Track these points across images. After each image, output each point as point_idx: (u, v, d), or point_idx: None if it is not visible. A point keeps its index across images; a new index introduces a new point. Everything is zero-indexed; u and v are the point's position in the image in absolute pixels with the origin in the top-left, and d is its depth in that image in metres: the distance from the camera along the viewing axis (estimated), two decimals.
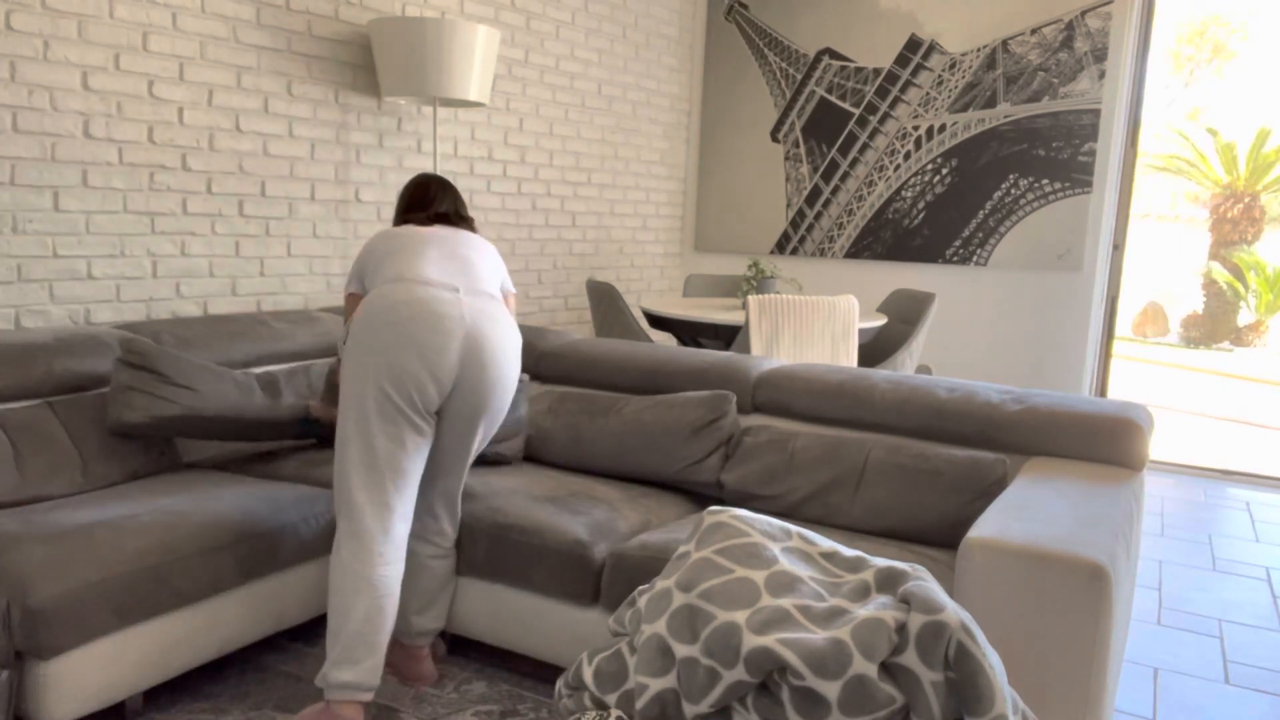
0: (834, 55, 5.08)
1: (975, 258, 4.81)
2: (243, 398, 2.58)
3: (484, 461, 2.73)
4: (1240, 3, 14.96)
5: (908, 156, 4.93)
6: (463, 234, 2.29)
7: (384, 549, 2.02)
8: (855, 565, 1.68)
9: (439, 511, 2.28)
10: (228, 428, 2.54)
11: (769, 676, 1.48)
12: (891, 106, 4.95)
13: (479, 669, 2.40)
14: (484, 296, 2.17)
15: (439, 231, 2.26)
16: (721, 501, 2.61)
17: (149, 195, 2.97)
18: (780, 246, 5.35)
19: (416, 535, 2.28)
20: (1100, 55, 4.42)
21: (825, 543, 1.75)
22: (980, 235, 4.79)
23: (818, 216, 5.22)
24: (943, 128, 4.82)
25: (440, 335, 2.05)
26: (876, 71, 4.97)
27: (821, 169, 5.18)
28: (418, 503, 2.27)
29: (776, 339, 3.46)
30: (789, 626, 1.49)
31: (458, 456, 2.21)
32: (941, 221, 4.88)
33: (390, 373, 2.01)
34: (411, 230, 2.25)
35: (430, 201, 2.36)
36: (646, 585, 1.80)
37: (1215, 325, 13.17)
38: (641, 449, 2.62)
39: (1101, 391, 4.82)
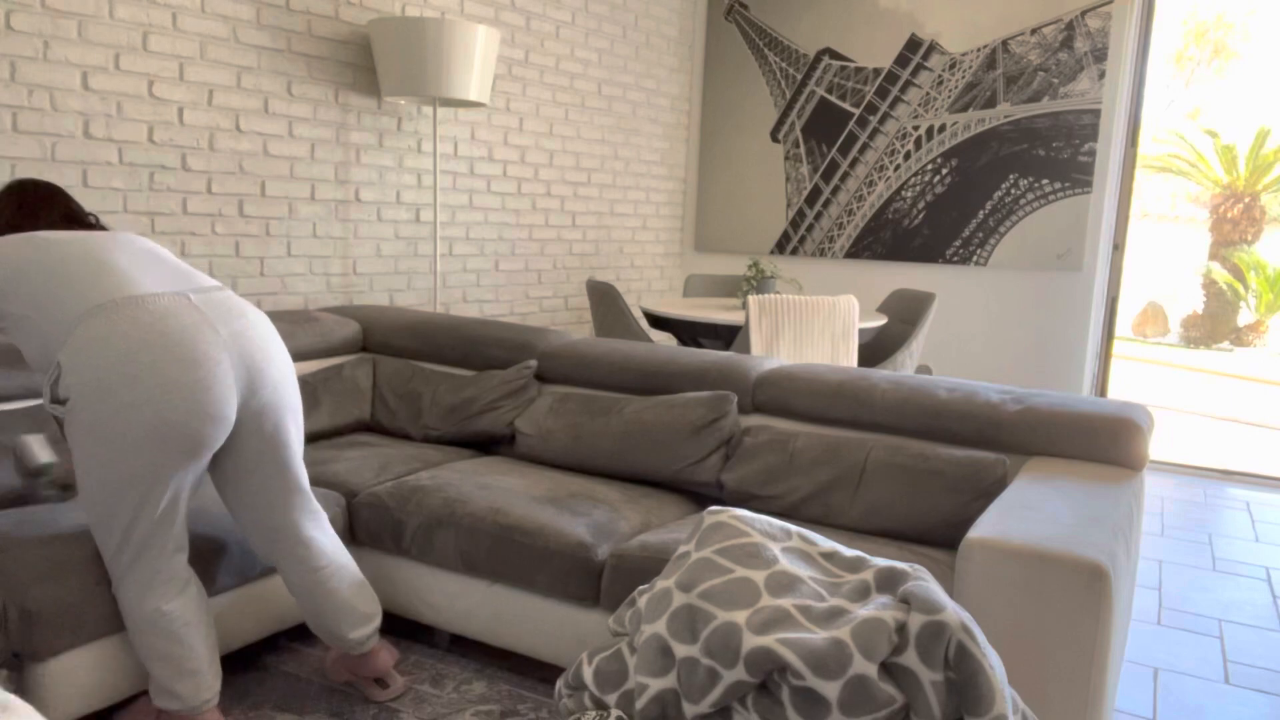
0: (834, 55, 5.08)
1: (975, 258, 4.81)
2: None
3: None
4: (1240, 3, 14.96)
5: (908, 156, 4.93)
6: (127, 233, 1.97)
7: (183, 580, 1.90)
8: (855, 565, 1.68)
9: (306, 534, 2.06)
10: None
11: (769, 676, 1.48)
12: (891, 106, 4.95)
13: (479, 669, 2.40)
14: (213, 289, 1.89)
15: (95, 235, 1.89)
16: (722, 501, 2.61)
17: (149, 195, 2.97)
18: (780, 246, 5.35)
19: (301, 568, 2.07)
20: (1100, 55, 4.42)
21: (825, 543, 1.75)
22: (980, 235, 4.79)
23: (818, 216, 5.22)
24: (943, 128, 4.82)
25: (202, 367, 1.75)
26: (876, 71, 4.97)
27: (821, 169, 5.18)
28: (280, 544, 2.04)
29: (776, 339, 3.47)
30: (789, 626, 1.49)
31: (285, 470, 2.00)
32: (941, 221, 4.88)
33: (153, 433, 1.71)
34: (61, 235, 1.84)
35: (44, 203, 1.96)
36: (646, 585, 1.80)
37: (1215, 325, 13.17)
38: (642, 449, 2.62)
39: (1101, 391, 4.82)
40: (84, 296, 1.75)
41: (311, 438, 2.91)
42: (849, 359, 3.53)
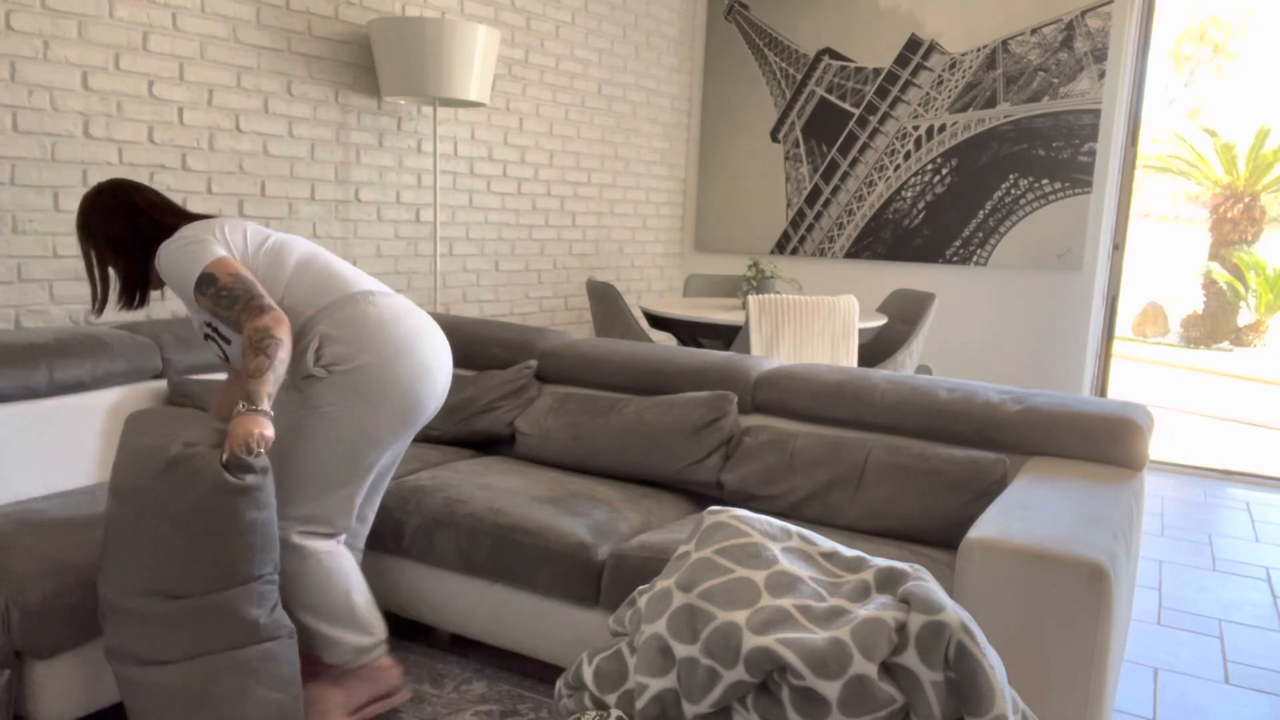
0: (834, 55, 5.08)
1: (975, 258, 4.81)
2: None
3: None
4: (1240, 3, 14.96)
5: (908, 156, 4.93)
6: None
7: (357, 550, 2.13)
8: (855, 565, 1.68)
9: (368, 515, 2.27)
10: None
11: (769, 676, 1.48)
12: (891, 106, 4.95)
13: (479, 669, 2.40)
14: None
15: (296, 237, 2.15)
16: (722, 501, 2.61)
17: None
18: (780, 246, 5.35)
19: (354, 544, 2.25)
20: (1100, 55, 4.42)
21: (825, 543, 1.75)
22: (980, 235, 4.79)
23: (818, 216, 5.22)
24: (943, 128, 4.82)
25: (443, 356, 2.07)
26: (876, 71, 4.97)
27: (821, 169, 5.18)
28: (359, 532, 2.26)
29: (776, 339, 3.47)
30: (789, 626, 1.49)
31: (399, 459, 2.24)
32: (941, 221, 4.88)
33: (405, 404, 1.99)
34: (259, 228, 2.10)
35: (169, 201, 2.12)
36: (646, 585, 1.80)
37: (1215, 325, 13.17)
38: (642, 449, 2.62)
39: (1101, 391, 4.82)
40: (331, 283, 2.01)
41: None
42: (849, 359, 3.53)
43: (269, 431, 1.76)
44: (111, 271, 2.11)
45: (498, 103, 4.21)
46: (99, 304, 2.04)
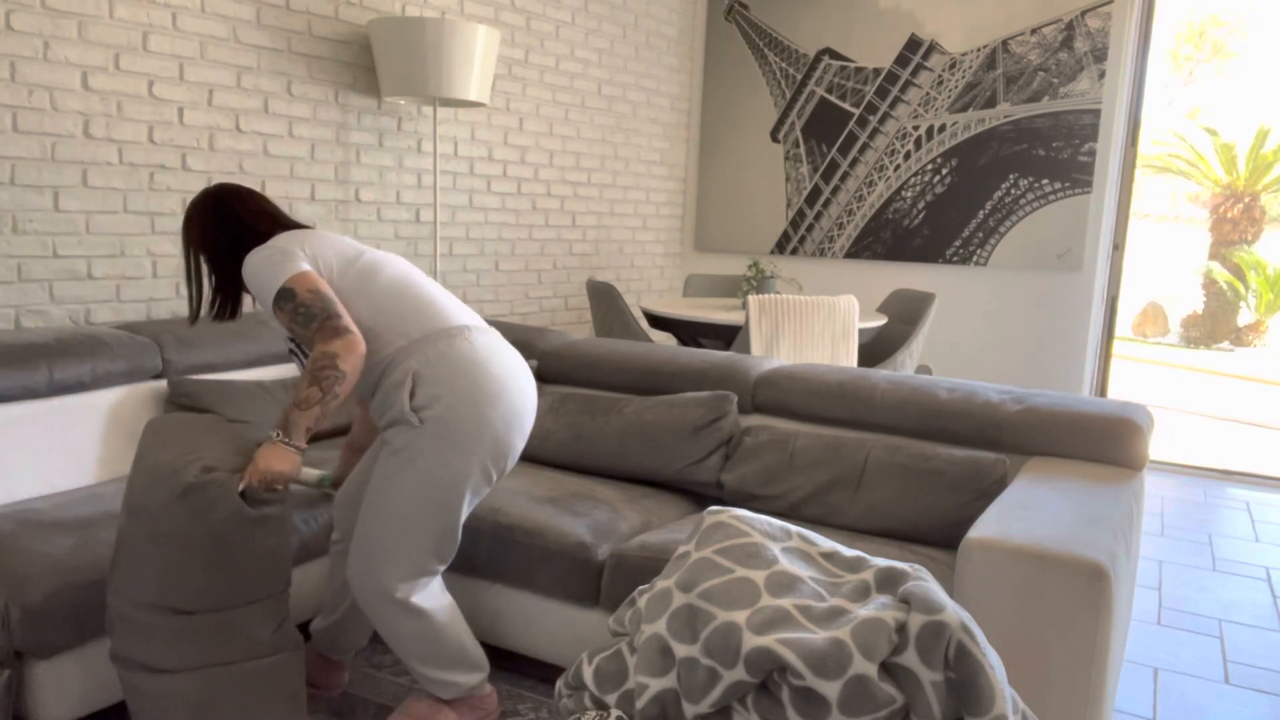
0: (834, 55, 5.08)
1: (975, 258, 4.81)
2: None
3: None
4: (1240, 3, 14.97)
5: (908, 156, 4.93)
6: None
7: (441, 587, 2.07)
8: (855, 565, 1.68)
9: None
10: None
11: (769, 676, 1.48)
12: (891, 106, 4.95)
13: None
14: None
15: (395, 257, 2.06)
16: (722, 501, 2.61)
17: (149, 195, 2.97)
18: (780, 246, 5.35)
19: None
20: (1100, 55, 4.42)
21: (825, 543, 1.75)
22: (980, 235, 4.79)
23: (818, 216, 5.22)
24: (943, 128, 4.82)
25: (530, 401, 1.96)
26: (876, 71, 4.97)
27: (821, 169, 5.18)
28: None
29: (776, 339, 3.47)
30: (789, 626, 1.49)
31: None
32: (941, 221, 4.88)
33: (496, 449, 1.89)
34: (353, 243, 2.01)
35: (270, 207, 2.04)
36: (646, 585, 1.80)
37: (1215, 325, 13.17)
38: (642, 449, 2.62)
39: (1101, 391, 4.82)
40: (427, 314, 1.92)
41: (313, 438, 2.91)
42: (849, 359, 3.53)
43: (294, 471, 1.73)
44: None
45: (498, 103, 4.21)
46: (194, 312, 2.00)
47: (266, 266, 1.84)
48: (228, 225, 1.95)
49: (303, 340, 1.81)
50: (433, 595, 1.98)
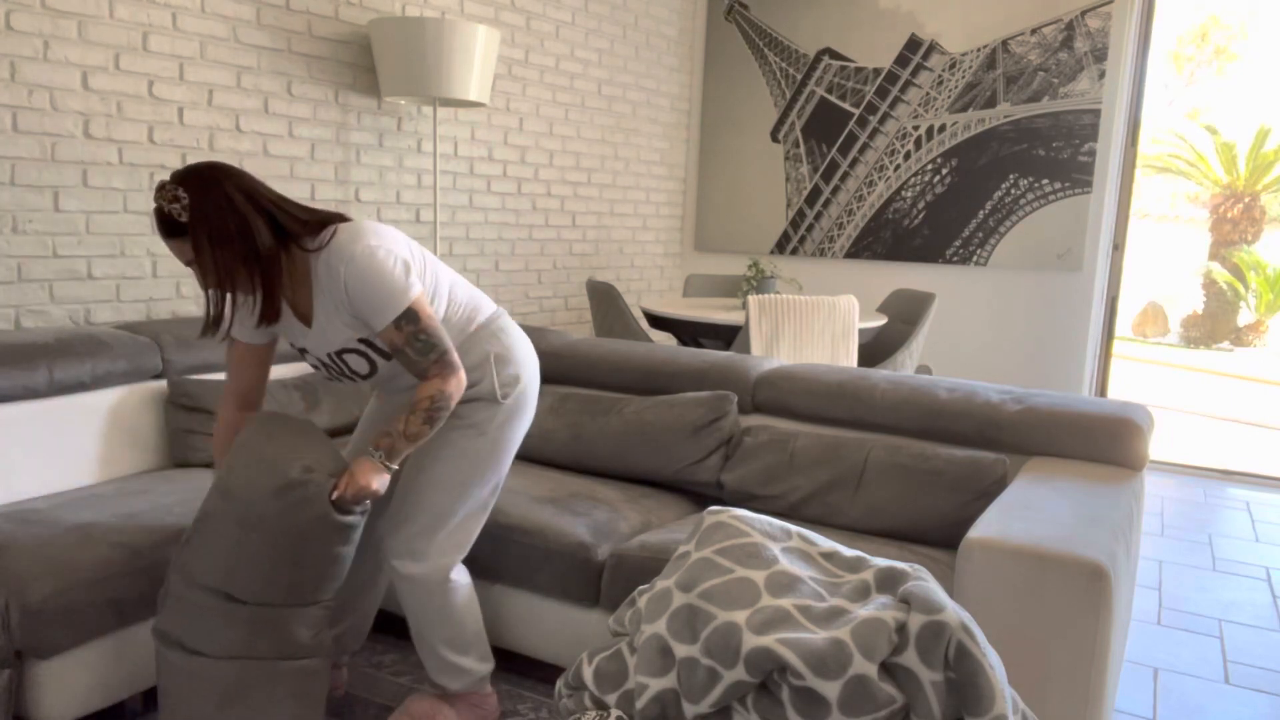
0: (834, 55, 5.08)
1: (975, 258, 4.81)
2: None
3: None
4: (1240, 3, 14.96)
5: (908, 156, 4.93)
6: None
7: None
8: (855, 565, 1.68)
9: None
10: None
11: (769, 676, 1.48)
12: (891, 106, 4.95)
13: None
14: None
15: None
16: (722, 501, 2.61)
17: (149, 195, 2.97)
18: (780, 246, 5.35)
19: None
20: (1100, 55, 4.42)
21: (825, 543, 1.75)
22: (980, 235, 4.79)
23: (818, 216, 5.22)
24: (943, 128, 4.82)
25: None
26: (876, 71, 4.97)
27: (821, 169, 5.18)
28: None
29: (776, 339, 3.46)
30: (789, 626, 1.49)
31: None
32: (941, 221, 4.88)
33: (527, 428, 2.08)
34: (410, 245, 1.90)
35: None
36: (646, 585, 1.80)
37: (1215, 325, 13.17)
38: (642, 449, 2.62)
39: (1101, 391, 4.82)
40: (478, 303, 1.99)
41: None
42: (849, 359, 3.53)
43: (382, 490, 1.78)
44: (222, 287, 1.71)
45: (498, 103, 4.21)
46: (214, 322, 1.69)
47: (386, 276, 1.69)
48: (258, 205, 1.67)
49: (410, 366, 1.77)
50: (464, 570, 2.06)
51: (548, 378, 3.06)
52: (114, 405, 2.53)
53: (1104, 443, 2.25)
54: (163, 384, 2.67)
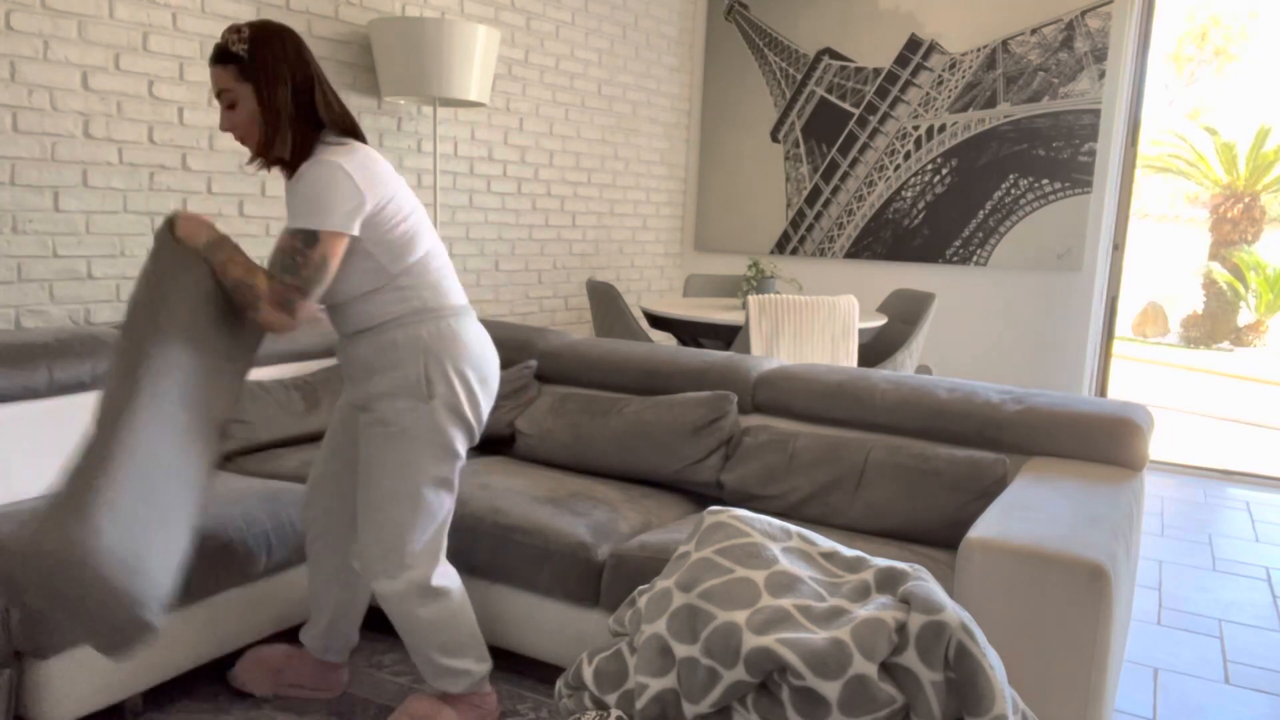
0: (834, 55, 5.08)
1: (975, 258, 4.81)
2: (289, 418, 2.60)
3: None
4: (1240, 3, 14.96)
5: (908, 156, 4.93)
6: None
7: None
8: (855, 565, 1.68)
9: None
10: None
11: (769, 676, 1.48)
12: (891, 106, 4.95)
13: None
14: None
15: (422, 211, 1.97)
16: (721, 501, 2.61)
17: (149, 195, 2.97)
18: (780, 246, 5.35)
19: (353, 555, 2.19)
20: (1100, 55, 4.42)
21: (825, 543, 1.75)
22: (980, 235, 4.79)
23: (818, 216, 5.22)
24: (943, 128, 4.82)
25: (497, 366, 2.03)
26: (876, 71, 4.97)
27: (821, 169, 5.18)
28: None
29: (776, 339, 3.46)
30: (789, 626, 1.49)
31: None
32: (941, 221, 4.88)
33: (480, 422, 1.97)
34: (391, 172, 1.85)
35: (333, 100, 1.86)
36: (646, 585, 1.80)
37: (1215, 325, 13.17)
38: (642, 449, 2.62)
39: (1101, 391, 4.82)
40: (445, 287, 1.91)
41: (312, 438, 2.91)
42: (849, 359, 3.53)
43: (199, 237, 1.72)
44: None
45: (498, 103, 4.21)
46: (266, 154, 1.80)
47: (326, 193, 1.71)
48: (306, 73, 1.80)
49: (270, 267, 1.73)
50: (450, 573, 2.02)
51: (548, 378, 3.06)
52: None
53: (1104, 443, 2.25)
54: None
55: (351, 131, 1.86)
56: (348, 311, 1.88)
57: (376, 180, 1.78)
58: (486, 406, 1.98)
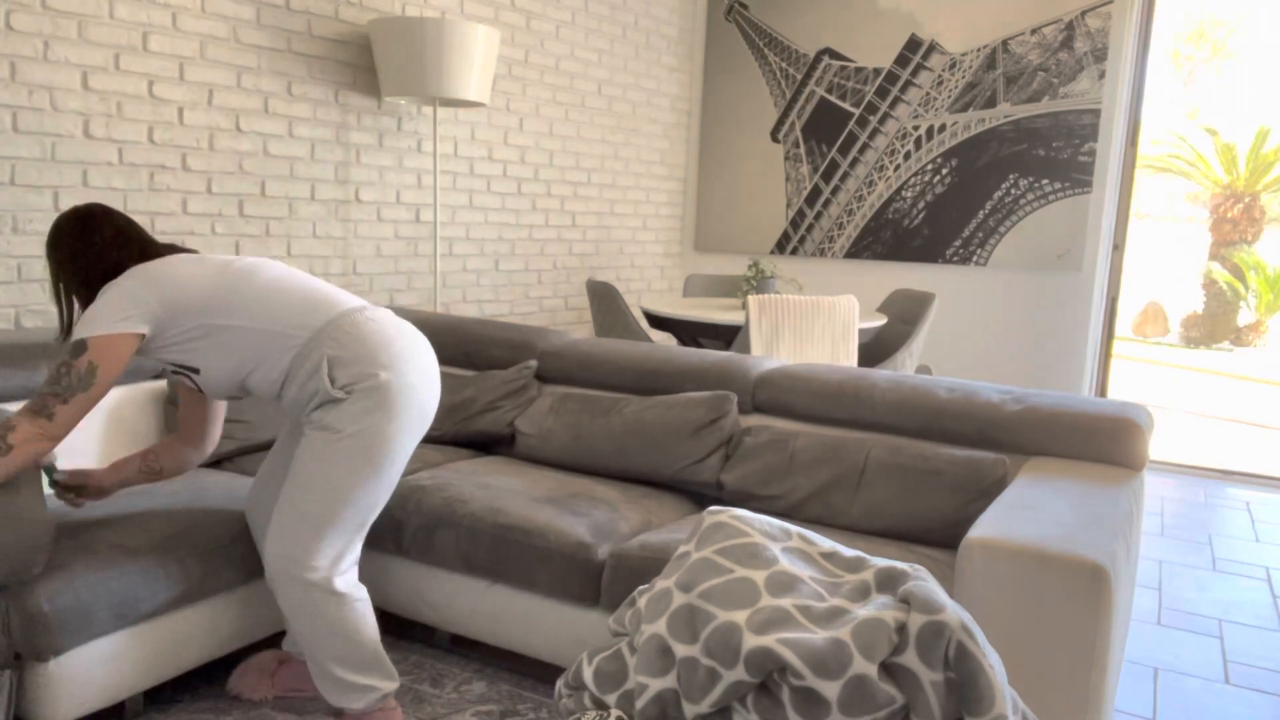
0: (834, 55, 5.08)
1: (975, 258, 4.81)
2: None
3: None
4: (1240, 3, 14.97)
5: (908, 156, 4.93)
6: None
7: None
8: (855, 565, 1.68)
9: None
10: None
11: (769, 676, 1.48)
12: (891, 106, 4.95)
13: (479, 669, 2.40)
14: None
15: (268, 261, 2.02)
16: (721, 501, 2.61)
17: (149, 195, 2.97)
18: (780, 246, 5.35)
19: None
20: (1100, 55, 4.42)
21: (825, 543, 1.75)
22: (980, 235, 4.79)
23: (818, 216, 5.22)
24: (943, 128, 4.82)
25: (434, 358, 2.01)
26: (876, 71, 4.97)
27: (821, 169, 5.18)
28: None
29: (776, 339, 3.46)
30: (789, 626, 1.49)
31: None
32: (941, 221, 4.88)
33: (421, 411, 1.95)
34: (217, 263, 1.95)
35: (136, 233, 1.96)
36: (646, 585, 1.80)
37: (1215, 325, 13.17)
38: (642, 449, 2.62)
39: (1101, 391, 4.82)
40: (320, 303, 1.94)
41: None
42: (849, 359, 3.53)
43: None
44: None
45: (498, 103, 4.21)
46: (66, 328, 1.95)
47: (103, 306, 1.81)
48: (91, 248, 1.90)
49: (42, 388, 1.76)
50: (353, 582, 1.98)
51: (548, 378, 3.05)
52: (114, 405, 2.53)
53: (1104, 443, 2.25)
54: (163, 384, 2.67)
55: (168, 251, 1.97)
56: (260, 387, 1.94)
57: (152, 281, 1.86)
58: (422, 381, 1.95)
